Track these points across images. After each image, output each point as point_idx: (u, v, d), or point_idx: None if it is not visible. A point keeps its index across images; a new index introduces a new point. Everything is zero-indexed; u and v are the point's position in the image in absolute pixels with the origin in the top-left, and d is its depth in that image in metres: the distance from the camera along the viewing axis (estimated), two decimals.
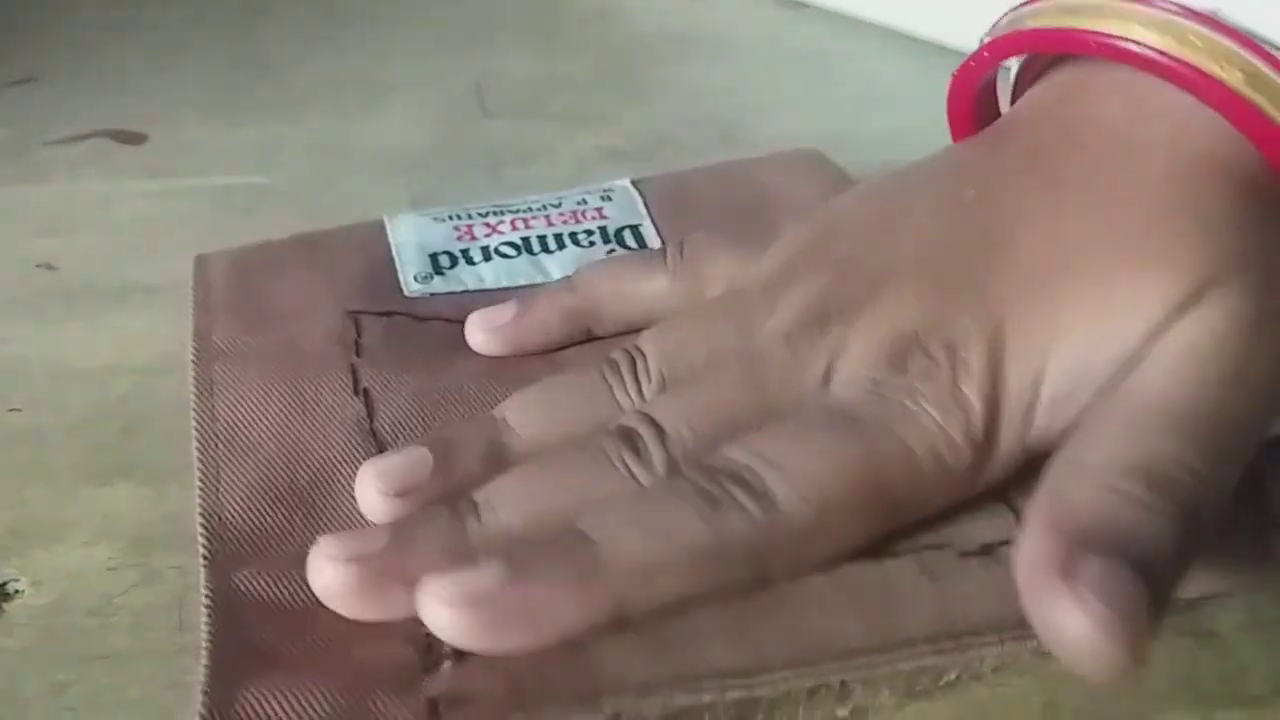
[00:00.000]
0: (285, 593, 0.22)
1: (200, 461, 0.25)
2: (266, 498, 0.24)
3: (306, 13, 0.55)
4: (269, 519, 0.24)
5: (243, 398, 0.26)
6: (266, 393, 0.27)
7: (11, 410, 0.28)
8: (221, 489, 0.24)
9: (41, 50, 0.50)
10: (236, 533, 0.23)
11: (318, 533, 0.22)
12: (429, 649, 0.20)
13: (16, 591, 0.23)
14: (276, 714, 0.19)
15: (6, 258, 0.35)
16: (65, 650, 0.22)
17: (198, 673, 0.20)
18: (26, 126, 0.43)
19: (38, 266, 0.34)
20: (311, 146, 0.42)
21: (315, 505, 0.24)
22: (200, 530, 0.23)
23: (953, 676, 0.21)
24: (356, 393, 0.27)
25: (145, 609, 0.23)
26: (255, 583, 0.22)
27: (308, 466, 0.25)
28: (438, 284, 0.30)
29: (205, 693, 0.20)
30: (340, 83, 0.47)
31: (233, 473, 0.25)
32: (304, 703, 0.19)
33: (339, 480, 0.24)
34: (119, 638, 0.22)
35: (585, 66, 0.49)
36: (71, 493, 0.26)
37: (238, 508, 0.24)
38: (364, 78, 0.48)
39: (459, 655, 0.20)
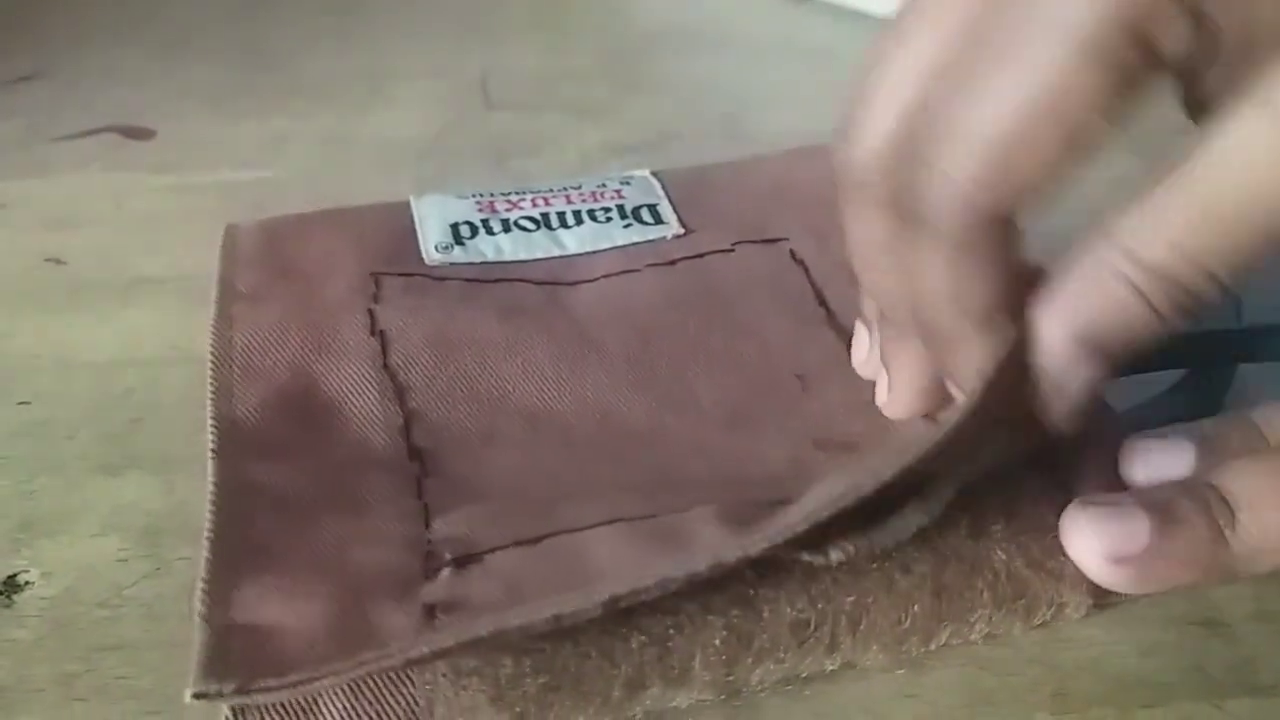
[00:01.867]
0: (291, 494, 0.22)
1: (213, 380, 0.26)
2: (277, 412, 0.25)
3: (312, 5, 0.55)
4: (279, 430, 0.24)
5: (260, 331, 0.27)
6: (284, 329, 0.27)
7: (21, 403, 0.28)
8: (235, 402, 0.25)
9: (49, 45, 0.50)
10: (247, 435, 0.24)
11: (326, 451, 0.23)
12: (429, 556, 0.21)
13: (27, 583, 0.23)
14: (273, 618, 0.20)
15: (15, 252, 0.35)
16: (75, 641, 0.22)
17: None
18: (34, 121, 0.43)
19: (46, 261, 0.34)
20: (318, 140, 0.42)
21: (326, 427, 0.25)
22: (211, 428, 0.24)
23: (943, 639, 0.21)
24: (373, 333, 0.28)
25: (155, 600, 0.23)
26: (262, 480, 0.23)
27: (320, 392, 0.26)
28: (458, 254, 0.31)
29: (205, 590, 0.20)
30: (346, 75, 0.47)
31: (245, 390, 0.25)
32: (300, 608, 0.20)
33: (350, 407, 0.25)
34: (129, 628, 0.22)
35: (590, 59, 0.49)
36: (80, 485, 0.26)
37: (249, 416, 0.25)
38: (369, 70, 0.48)
39: (459, 563, 0.20)
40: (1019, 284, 0.21)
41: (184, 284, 0.32)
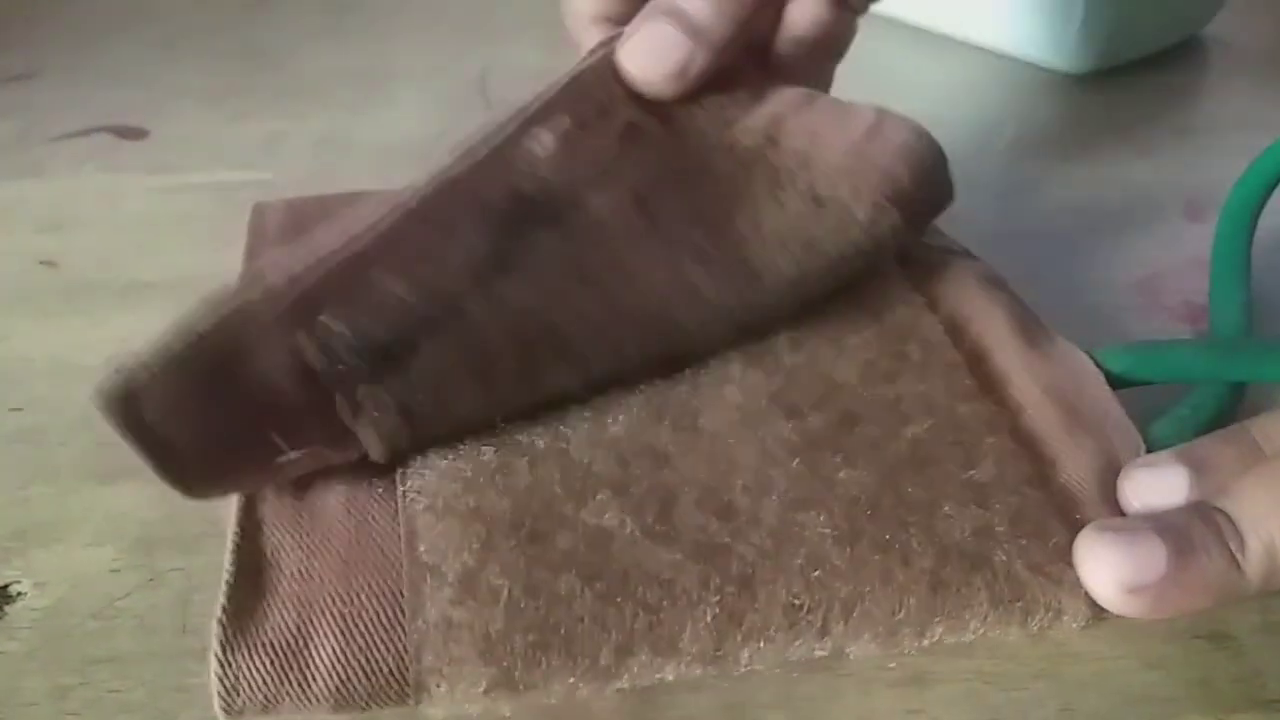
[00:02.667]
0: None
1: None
2: None
3: (308, 4, 0.54)
4: None
5: None
6: None
7: (13, 409, 0.28)
8: None
9: (43, 44, 0.50)
10: None
11: None
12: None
13: (19, 594, 0.23)
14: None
15: (8, 254, 0.35)
16: (68, 653, 0.22)
17: (203, 675, 0.20)
18: (28, 121, 0.43)
19: (39, 263, 0.34)
20: (314, 140, 0.42)
21: None
22: None
23: (938, 635, 0.21)
24: None
25: (148, 611, 0.23)
26: None
27: None
28: None
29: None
30: (343, 75, 0.47)
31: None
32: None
33: None
34: (123, 641, 0.22)
35: None
36: (74, 492, 0.26)
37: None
38: (367, 70, 0.48)
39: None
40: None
41: (180, 287, 0.32)
